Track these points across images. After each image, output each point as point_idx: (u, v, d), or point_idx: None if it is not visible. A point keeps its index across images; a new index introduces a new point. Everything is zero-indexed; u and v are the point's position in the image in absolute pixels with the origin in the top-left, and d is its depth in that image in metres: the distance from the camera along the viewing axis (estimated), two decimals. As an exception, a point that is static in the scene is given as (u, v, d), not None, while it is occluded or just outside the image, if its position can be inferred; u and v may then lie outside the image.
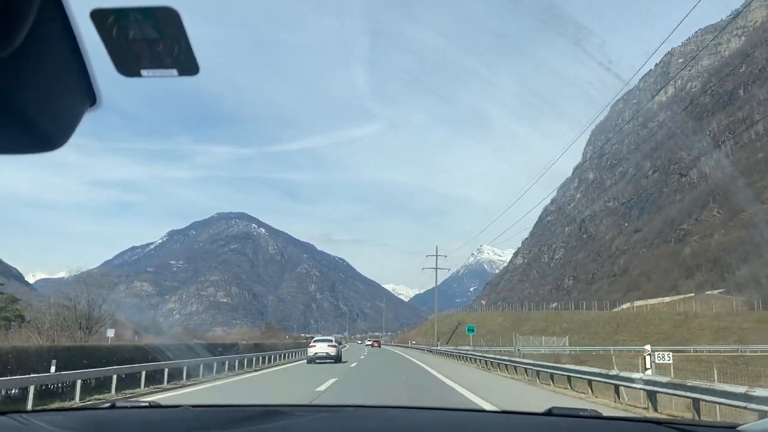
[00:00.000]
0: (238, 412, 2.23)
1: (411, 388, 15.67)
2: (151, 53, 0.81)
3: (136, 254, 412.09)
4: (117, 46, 0.80)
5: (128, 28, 0.79)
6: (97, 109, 0.87)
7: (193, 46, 0.82)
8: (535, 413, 2.13)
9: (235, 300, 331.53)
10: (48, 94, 0.79)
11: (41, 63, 0.76)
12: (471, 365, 30.07)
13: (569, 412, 2.03)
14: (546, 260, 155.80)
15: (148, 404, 2.22)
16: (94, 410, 2.52)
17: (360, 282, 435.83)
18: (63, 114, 0.84)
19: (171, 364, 18.69)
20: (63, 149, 0.78)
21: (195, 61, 0.83)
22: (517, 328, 69.31)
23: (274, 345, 40.36)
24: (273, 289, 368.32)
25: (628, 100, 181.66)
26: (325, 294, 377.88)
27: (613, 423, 2.11)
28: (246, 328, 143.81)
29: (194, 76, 0.77)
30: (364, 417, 2.24)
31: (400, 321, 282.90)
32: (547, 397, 13.97)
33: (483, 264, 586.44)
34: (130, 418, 2.10)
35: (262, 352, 30.73)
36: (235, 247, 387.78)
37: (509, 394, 15.59)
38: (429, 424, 2.16)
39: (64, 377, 13.48)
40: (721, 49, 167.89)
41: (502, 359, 24.92)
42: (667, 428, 1.76)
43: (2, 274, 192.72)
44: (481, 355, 30.13)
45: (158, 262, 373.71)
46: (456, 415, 2.37)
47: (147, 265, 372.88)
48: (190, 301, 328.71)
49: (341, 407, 2.42)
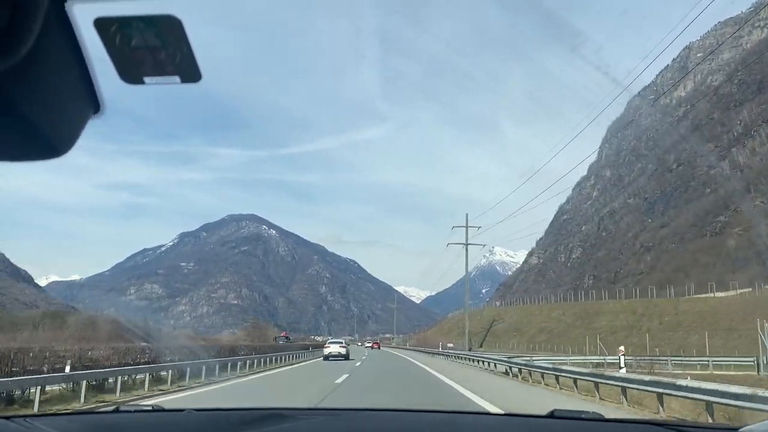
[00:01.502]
0: (240, 416, 2.25)
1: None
2: (153, 61, 0.82)
3: (147, 256, 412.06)
4: (120, 53, 0.81)
5: (131, 36, 0.80)
6: (101, 116, 0.87)
7: (195, 53, 0.83)
8: (537, 416, 2.14)
9: (246, 302, 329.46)
10: (52, 102, 0.80)
11: (46, 71, 0.77)
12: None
13: (571, 414, 2.03)
14: (563, 260, 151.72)
15: (151, 408, 2.26)
16: (98, 414, 2.60)
17: (371, 283, 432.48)
18: (67, 121, 0.84)
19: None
20: (73, 153, 0.78)
21: (197, 68, 0.84)
22: (589, 325, 53.99)
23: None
24: (284, 290, 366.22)
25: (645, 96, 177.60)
26: (336, 296, 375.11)
27: (615, 425, 2.09)
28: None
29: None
30: (365, 420, 2.26)
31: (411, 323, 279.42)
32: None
33: (495, 265, 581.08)
34: (133, 422, 2.12)
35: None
36: (246, 248, 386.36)
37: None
38: (430, 427, 2.16)
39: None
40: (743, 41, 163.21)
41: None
42: (668, 430, 1.76)
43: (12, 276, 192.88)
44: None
45: (169, 264, 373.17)
46: (458, 417, 2.43)
47: (158, 267, 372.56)
48: (200, 303, 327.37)
49: (342, 410, 2.40)
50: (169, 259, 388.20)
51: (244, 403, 11.46)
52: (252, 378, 22.68)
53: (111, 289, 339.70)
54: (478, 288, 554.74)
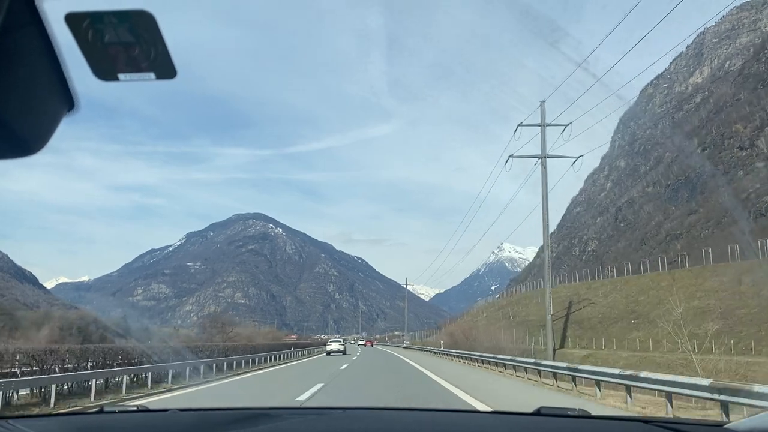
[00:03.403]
0: (225, 416, 2.24)
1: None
2: (127, 57, 0.80)
3: (154, 257, 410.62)
4: (93, 49, 0.79)
5: (104, 31, 0.79)
6: (75, 113, 0.85)
7: (170, 49, 0.81)
8: (524, 413, 2.13)
9: (253, 301, 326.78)
10: (25, 99, 0.78)
11: (17, 68, 0.75)
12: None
13: (558, 411, 2.02)
14: (577, 253, 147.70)
15: (136, 408, 2.26)
16: (82, 415, 2.59)
17: (380, 281, 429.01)
18: (41, 119, 0.82)
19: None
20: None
21: (172, 64, 0.83)
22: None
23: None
24: (291, 289, 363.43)
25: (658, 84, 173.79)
26: (344, 294, 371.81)
27: (602, 422, 2.11)
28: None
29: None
30: (353, 419, 2.26)
31: (421, 320, 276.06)
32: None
33: (504, 262, 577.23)
34: (118, 422, 2.11)
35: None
36: (253, 247, 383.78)
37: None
38: (418, 425, 2.17)
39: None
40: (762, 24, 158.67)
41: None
42: (655, 427, 1.77)
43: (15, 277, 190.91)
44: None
45: (176, 264, 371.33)
46: (446, 415, 2.43)
47: (165, 267, 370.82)
48: (207, 302, 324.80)
49: (330, 410, 2.37)
50: (176, 258, 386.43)
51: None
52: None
53: (118, 290, 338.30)
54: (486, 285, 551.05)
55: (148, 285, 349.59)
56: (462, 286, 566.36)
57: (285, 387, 18.03)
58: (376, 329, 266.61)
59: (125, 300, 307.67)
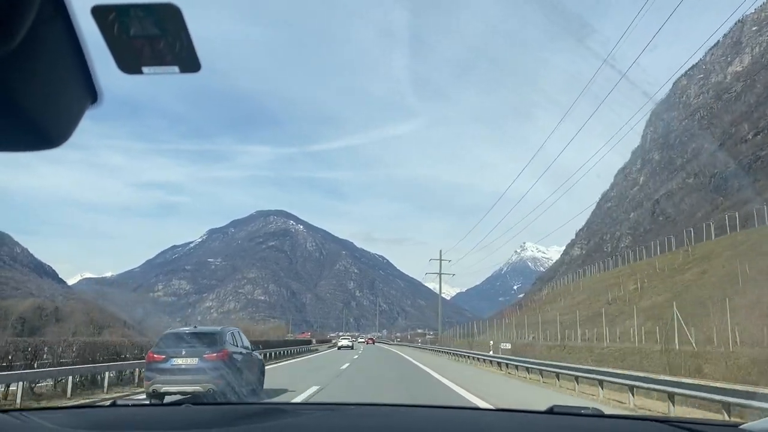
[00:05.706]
0: (239, 410, 2.27)
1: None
2: (152, 50, 0.80)
3: (176, 253, 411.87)
4: (118, 42, 0.79)
5: (129, 24, 0.78)
6: (98, 106, 0.85)
7: (195, 42, 0.81)
8: (536, 411, 2.12)
9: (273, 298, 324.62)
10: (49, 92, 0.79)
11: (42, 60, 0.76)
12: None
13: (571, 410, 2.01)
14: (609, 249, 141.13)
15: (149, 402, 2.39)
16: (95, 408, 2.62)
17: (401, 280, 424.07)
18: (64, 111, 0.83)
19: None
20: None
21: (196, 57, 0.82)
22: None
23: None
24: (311, 286, 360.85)
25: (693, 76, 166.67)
26: (365, 291, 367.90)
27: (615, 421, 2.10)
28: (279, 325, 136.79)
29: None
30: (364, 415, 2.28)
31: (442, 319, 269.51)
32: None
33: (527, 261, 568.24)
34: (131, 416, 2.13)
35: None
36: (273, 243, 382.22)
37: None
38: (429, 422, 2.18)
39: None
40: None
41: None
42: (670, 426, 1.76)
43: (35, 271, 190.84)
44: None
45: (197, 260, 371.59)
46: (456, 413, 2.46)
47: (186, 263, 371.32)
48: (227, 299, 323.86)
49: (341, 405, 2.41)
50: (197, 255, 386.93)
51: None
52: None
53: (139, 285, 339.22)
54: (509, 284, 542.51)
55: (169, 281, 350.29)
56: (484, 286, 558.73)
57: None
58: (397, 327, 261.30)
59: (146, 296, 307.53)
